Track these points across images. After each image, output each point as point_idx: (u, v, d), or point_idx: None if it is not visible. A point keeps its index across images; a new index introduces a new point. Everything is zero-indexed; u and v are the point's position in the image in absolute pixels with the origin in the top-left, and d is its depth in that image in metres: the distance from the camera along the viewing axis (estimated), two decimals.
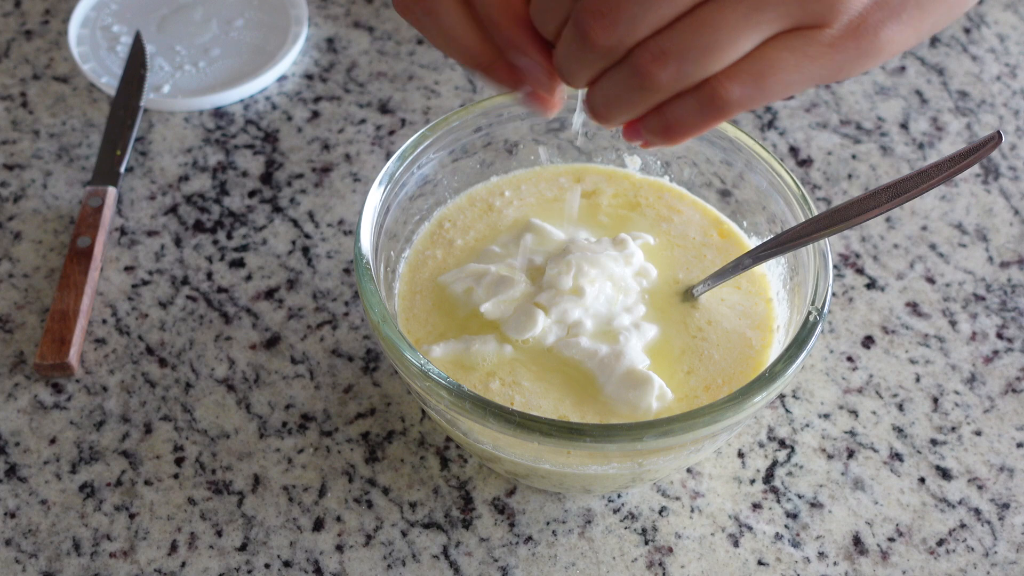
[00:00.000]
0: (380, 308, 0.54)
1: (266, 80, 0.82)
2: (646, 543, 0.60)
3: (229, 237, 0.74)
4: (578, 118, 0.63)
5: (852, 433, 0.65)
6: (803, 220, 0.58)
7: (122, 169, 0.76)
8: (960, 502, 0.62)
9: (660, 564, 0.60)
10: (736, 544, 0.60)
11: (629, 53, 0.39)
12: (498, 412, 0.50)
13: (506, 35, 0.43)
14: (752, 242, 0.64)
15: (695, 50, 0.38)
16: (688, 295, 0.61)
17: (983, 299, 0.71)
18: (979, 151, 0.49)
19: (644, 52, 0.39)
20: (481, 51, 0.44)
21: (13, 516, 0.61)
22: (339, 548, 0.60)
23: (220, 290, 0.71)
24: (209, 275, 0.72)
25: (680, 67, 0.38)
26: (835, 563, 0.60)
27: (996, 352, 0.68)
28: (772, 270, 0.62)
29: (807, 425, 0.65)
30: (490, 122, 0.64)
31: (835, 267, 0.72)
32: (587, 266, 0.58)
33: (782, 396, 0.66)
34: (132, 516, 0.61)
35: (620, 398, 0.56)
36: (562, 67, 0.42)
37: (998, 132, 0.49)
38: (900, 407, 0.66)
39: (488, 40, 0.44)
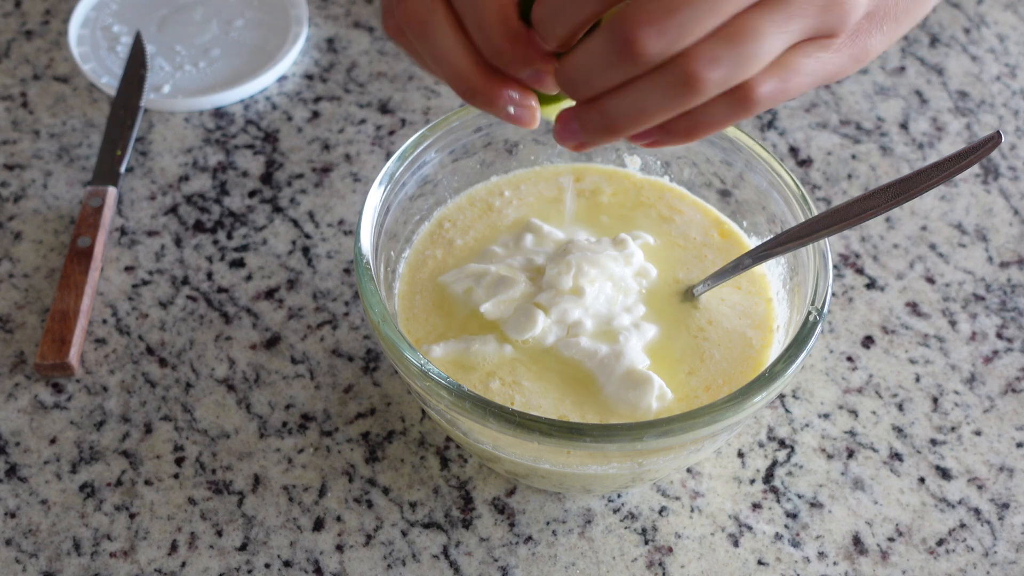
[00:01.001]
0: (380, 308, 0.54)
1: (266, 80, 0.82)
2: (646, 543, 0.60)
3: (229, 237, 0.74)
4: (571, 202, 0.65)
5: (852, 433, 0.65)
6: (803, 220, 0.58)
7: (122, 169, 0.76)
8: (960, 502, 0.62)
9: (660, 564, 0.60)
10: (736, 544, 0.60)
11: (671, 61, 0.41)
12: (498, 412, 0.50)
13: (506, 51, 0.43)
14: (752, 242, 0.64)
15: (742, 56, 0.41)
16: (688, 295, 0.61)
17: (983, 299, 0.71)
18: (979, 151, 0.49)
19: (695, 58, 0.40)
20: (473, 73, 0.44)
21: (13, 516, 0.61)
22: (339, 548, 0.60)
23: (220, 290, 0.71)
24: (209, 275, 0.72)
25: (729, 71, 0.41)
26: (835, 563, 0.60)
27: (996, 352, 0.68)
28: (772, 270, 0.62)
29: (807, 425, 0.65)
30: (490, 122, 0.64)
31: (835, 267, 0.72)
32: (587, 266, 0.58)
33: (782, 396, 0.66)
34: (132, 516, 0.61)
35: (620, 398, 0.56)
36: (580, 77, 0.42)
37: (998, 132, 0.49)
38: (900, 407, 0.66)
39: (480, 62, 0.44)
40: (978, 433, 0.65)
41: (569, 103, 0.45)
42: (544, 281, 0.59)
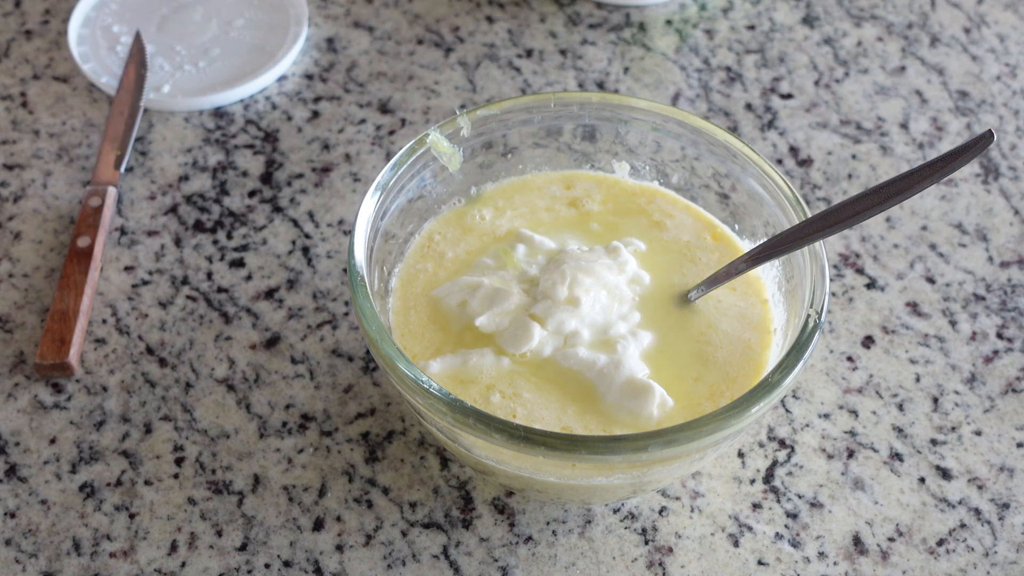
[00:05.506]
0: (377, 325, 0.54)
1: (266, 80, 0.82)
2: (646, 543, 0.60)
3: (229, 237, 0.74)
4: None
5: (852, 433, 0.65)
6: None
7: (122, 169, 0.76)
8: (960, 502, 0.62)
9: (660, 564, 0.60)
10: (736, 544, 0.60)
11: None
12: (502, 427, 0.50)
13: None
14: (745, 245, 0.64)
15: None
16: (683, 300, 0.61)
17: (983, 299, 0.71)
18: (971, 150, 0.49)
19: None
20: None
21: (13, 516, 0.62)
22: (339, 548, 0.60)
23: (220, 290, 0.71)
24: (209, 275, 0.72)
25: None
26: (835, 563, 0.60)
27: (996, 352, 0.68)
28: (766, 272, 0.62)
29: (807, 425, 0.65)
30: (480, 133, 0.64)
31: (835, 267, 0.72)
32: (581, 275, 0.58)
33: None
34: (132, 516, 0.62)
35: (621, 407, 0.56)
36: None
37: (990, 131, 0.49)
38: (900, 407, 0.66)
39: None
40: (978, 433, 0.65)
41: None
42: (539, 292, 0.59)
